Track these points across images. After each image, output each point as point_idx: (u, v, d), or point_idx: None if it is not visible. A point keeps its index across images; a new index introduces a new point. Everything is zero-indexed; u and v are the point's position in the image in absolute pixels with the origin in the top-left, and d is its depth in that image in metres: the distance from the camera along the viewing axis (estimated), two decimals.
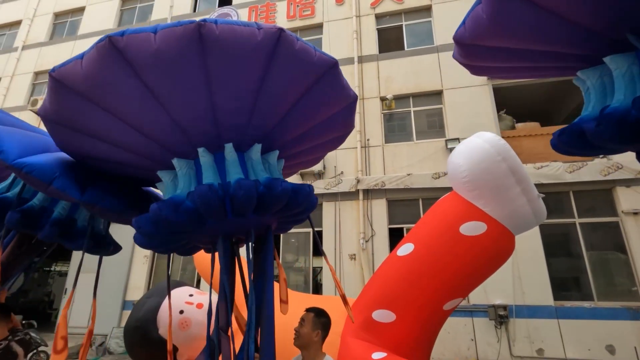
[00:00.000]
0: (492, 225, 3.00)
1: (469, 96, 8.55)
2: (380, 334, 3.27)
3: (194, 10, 12.18)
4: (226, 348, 1.83)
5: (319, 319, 2.13)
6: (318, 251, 8.95)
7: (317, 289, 8.82)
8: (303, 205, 2.04)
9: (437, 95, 8.94)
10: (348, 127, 2.38)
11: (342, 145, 6.07)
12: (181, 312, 3.68)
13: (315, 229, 9.49)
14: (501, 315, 6.76)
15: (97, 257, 3.19)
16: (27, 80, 12.79)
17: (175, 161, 1.92)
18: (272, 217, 2.05)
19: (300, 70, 1.70)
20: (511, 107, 8.72)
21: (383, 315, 3.28)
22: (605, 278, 6.95)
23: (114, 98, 1.65)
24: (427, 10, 9.88)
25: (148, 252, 9.28)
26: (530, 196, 2.93)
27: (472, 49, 2.26)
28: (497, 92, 8.54)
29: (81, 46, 12.66)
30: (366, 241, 7.95)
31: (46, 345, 6.69)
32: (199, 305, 3.75)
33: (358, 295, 3.90)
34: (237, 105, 1.74)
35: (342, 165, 8.74)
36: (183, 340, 3.60)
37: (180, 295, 3.81)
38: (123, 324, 8.71)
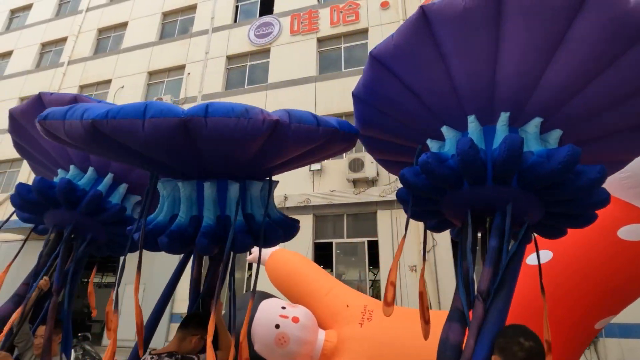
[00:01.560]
0: None
1: None
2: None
3: (235, 21, 12.25)
4: None
5: (498, 338, 1.59)
6: (374, 262, 8.51)
7: None
8: (584, 190, 1.59)
9: None
10: None
11: None
12: (277, 326, 3.33)
13: (370, 239, 8.93)
14: None
15: (143, 268, 2.88)
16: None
17: (444, 129, 1.85)
18: (534, 202, 1.67)
19: (617, 21, 1.37)
20: None
21: None
22: None
23: (411, 67, 1.78)
24: None
25: None
26: None
27: None
28: None
29: (124, 59, 12.93)
30: (427, 251, 7.46)
31: (101, 359, 6.51)
32: (295, 319, 3.39)
33: None
34: (525, 66, 1.54)
35: None
36: (281, 358, 3.25)
37: (272, 308, 3.47)
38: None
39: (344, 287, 4.41)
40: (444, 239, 7.51)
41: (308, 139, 1.85)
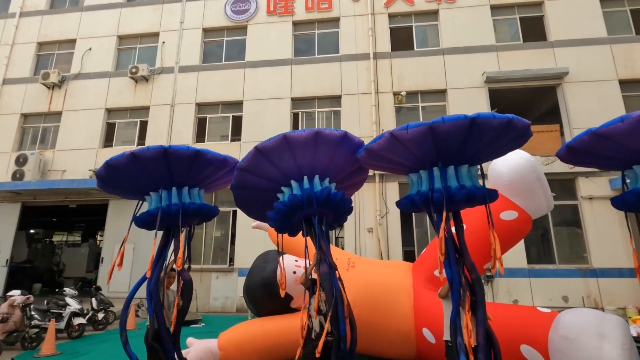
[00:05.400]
0: (521, 214, 4.54)
1: (469, 95, 10.08)
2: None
3: None
4: None
5: None
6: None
7: None
8: None
9: (441, 93, 10.38)
10: None
11: (360, 134, 7.95)
12: (294, 272, 4.99)
13: None
14: (488, 276, 8.70)
15: (131, 229, 4.07)
16: (30, 50, 12.52)
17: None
18: None
19: None
20: (501, 106, 10.38)
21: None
22: (565, 247, 9.09)
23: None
24: (434, 14, 11.08)
25: None
26: (547, 195, 4.50)
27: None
28: (492, 93, 10.14)
29: (89, 18, 12.51)
30: (382, 217, 9.49)
31: (113, 306, 7.67)
32: (304, 268, 5.07)
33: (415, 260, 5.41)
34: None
35: None
36: (297, 293, 4.93)
37: (290, 261, 5.10)
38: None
39: (332, 246, 6.16)
40: (394, 206, 9.55)
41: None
